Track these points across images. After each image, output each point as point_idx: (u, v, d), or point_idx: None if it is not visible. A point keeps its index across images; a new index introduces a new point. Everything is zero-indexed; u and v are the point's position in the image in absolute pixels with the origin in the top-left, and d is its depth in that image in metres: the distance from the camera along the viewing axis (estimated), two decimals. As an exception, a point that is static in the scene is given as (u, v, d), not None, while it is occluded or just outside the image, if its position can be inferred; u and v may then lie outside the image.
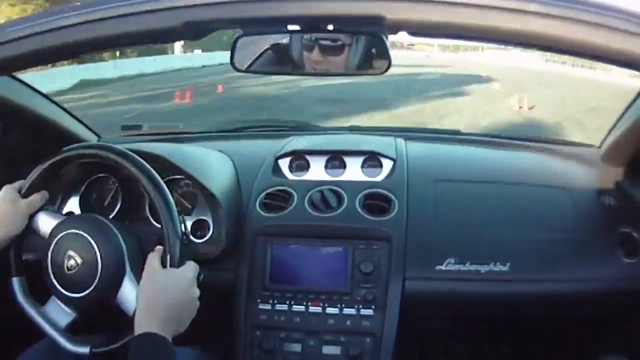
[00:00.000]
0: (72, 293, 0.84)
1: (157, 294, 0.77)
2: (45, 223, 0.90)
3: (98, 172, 1.08)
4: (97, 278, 0.83)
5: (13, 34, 0.57)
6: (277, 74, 0.87)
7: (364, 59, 0.74)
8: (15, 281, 0.90)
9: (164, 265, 0.80)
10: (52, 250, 0.85)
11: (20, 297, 0.89)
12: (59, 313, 0.87)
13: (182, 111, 9.46)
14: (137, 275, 0.83)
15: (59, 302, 0.88)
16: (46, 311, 0.88)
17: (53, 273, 0.85)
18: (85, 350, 0.84)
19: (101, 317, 0.72)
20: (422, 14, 0.48)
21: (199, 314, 0.82)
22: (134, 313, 0.78)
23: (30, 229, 0.90)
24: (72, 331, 0.88)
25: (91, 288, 0.83)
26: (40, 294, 0.90)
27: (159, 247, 0.82)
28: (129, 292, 0.83)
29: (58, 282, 0.85)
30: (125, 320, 0.82)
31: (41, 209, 0.92)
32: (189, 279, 0.81)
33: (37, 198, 0.91)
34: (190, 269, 0.82)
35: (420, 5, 0.48)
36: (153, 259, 0.81)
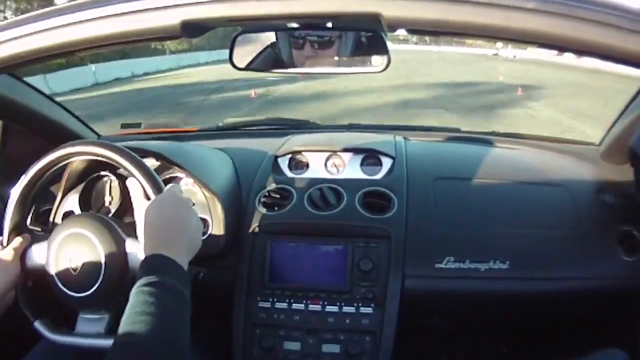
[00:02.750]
0: (78, 293, 0.83)
1: (150, 220, 0.78)
2: (39, 255, 0.87)
3: (97, 170, 1.08)
4: (102, 274, 0.82)
5: (12, 33, 0.57)
6: (277, 72, 0.87)
7: (362, 55, 0.75)
8: (37, 325, 0.87)
9: (148, 199, 0.82)
10: (55, 254, 0.84)
11: (51, 336, 0.86)
12: (92, 323, 0.85)
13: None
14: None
15: (84, 315, 0.86)
16: (80, 331, 0.86)
17: (58, 277, 0.84)
18: None
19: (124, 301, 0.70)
20: (420, 11, 0.48)
21: (198, 312, 0.81)
22: None
23: (27, 270, 0.87)
24: (114, 328, 0.86)
25: (97, 285, 0.82)
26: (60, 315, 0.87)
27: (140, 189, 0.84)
28: (136, 253, 0.83)
29: (64, 285, 0.84)
30: None
31: (30, 244, 0.88)
32: (173, 196, 0.82)
33: (18, 241, 0.87)
34: (172, 189, 0.84)
35: (417, 2, 0.48)
36: (138, 197, 0.82)
